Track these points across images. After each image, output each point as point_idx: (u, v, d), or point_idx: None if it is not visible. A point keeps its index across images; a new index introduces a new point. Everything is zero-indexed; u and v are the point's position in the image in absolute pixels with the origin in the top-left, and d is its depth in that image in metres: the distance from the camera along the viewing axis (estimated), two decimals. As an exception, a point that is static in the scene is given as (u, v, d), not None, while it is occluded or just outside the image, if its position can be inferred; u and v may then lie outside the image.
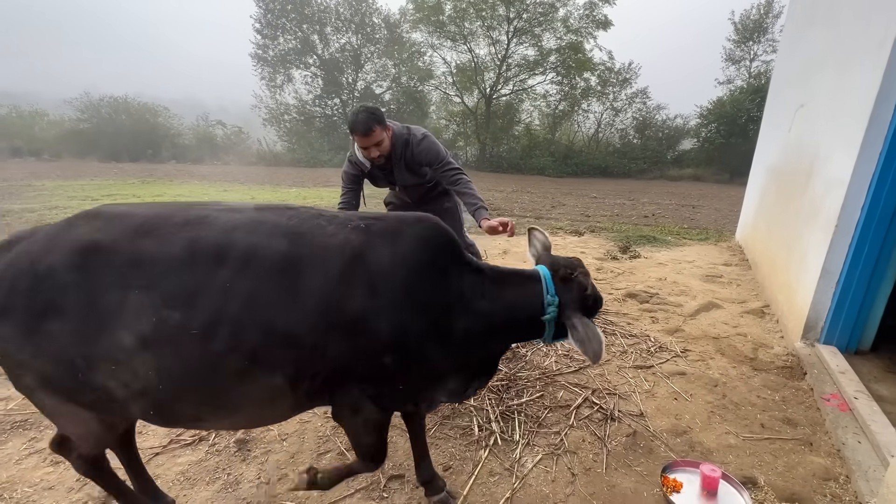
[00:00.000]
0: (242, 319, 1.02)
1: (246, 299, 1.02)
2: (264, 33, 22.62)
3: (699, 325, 2.97)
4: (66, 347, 0.97)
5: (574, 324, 1.22)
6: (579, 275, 1.31)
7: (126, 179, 13.33)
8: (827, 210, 2.43)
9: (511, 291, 1.29)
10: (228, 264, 1.03)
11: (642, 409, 2.05)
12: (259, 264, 1.05)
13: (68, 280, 0.97)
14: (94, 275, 0.98)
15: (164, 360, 1.00)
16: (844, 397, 1.98)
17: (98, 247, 1.00)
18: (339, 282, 1.09)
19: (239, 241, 1.06)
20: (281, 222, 1.13)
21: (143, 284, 0.98)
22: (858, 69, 2.37)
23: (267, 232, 1.10)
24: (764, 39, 20.45)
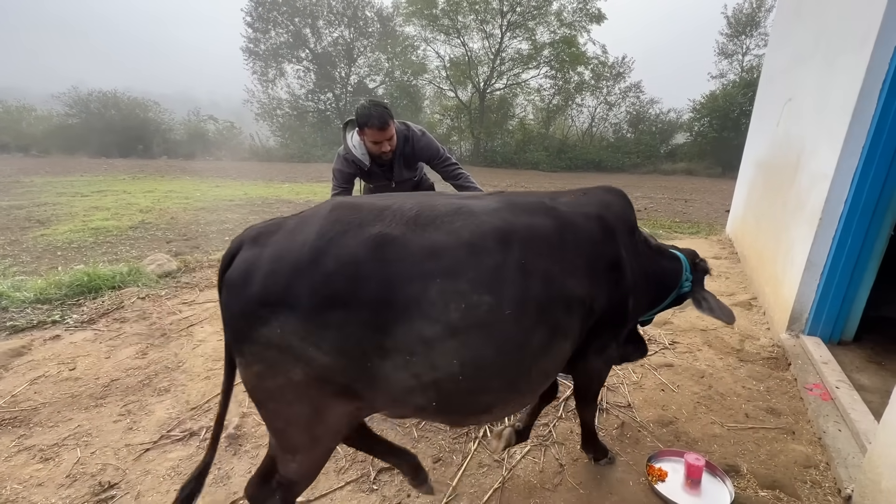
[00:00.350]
0: (545, 293, 1.08)
1: (542, 273, 1.09)
2: (255, 27, 22.38)
3: (687, 318, 3.00)
4: (359, 338, 0.94)
5: (705, 296, 1.60)
6: (702, 262, 1.75)
7: (116, 175, 13.19)
8: (812, 203, 2.46)
9: (666, 263, 1.62)
10: (515, 245, 1.07)
11: (630, 401, 2.09)
12: (539, 240, 1.12)
13: (365, 271, 0.94)
14: (391, 265, 0.95)
15: (472, 346, 0.99)
16: (827, 387, 2.03)
17: (389, 239, 0.97)
18: (595, 243, 1.25)
19: (517, 223, 1.11)
20: (530, 201, 1.23)
21: (445, 273, 0.97)
22: (843, 64, 2.39)
23: (528, 212, 1.17)
24: (756, 33, 20.54)
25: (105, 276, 3.49)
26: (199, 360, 2.46)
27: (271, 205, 8.87)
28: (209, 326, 2.87)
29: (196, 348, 2.60)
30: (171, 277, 3.77)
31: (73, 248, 5.33)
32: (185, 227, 6.74)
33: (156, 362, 2.45)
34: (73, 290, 3.31)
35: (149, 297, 3.32)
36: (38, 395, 2.14)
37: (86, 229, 6.19)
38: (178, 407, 2.07)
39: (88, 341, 2.67)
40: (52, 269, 4.51)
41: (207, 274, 3.91)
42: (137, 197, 9.20)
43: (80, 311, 3.06)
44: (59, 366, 2.39)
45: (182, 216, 7.46)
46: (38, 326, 2.83)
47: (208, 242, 5.89)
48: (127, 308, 3.13)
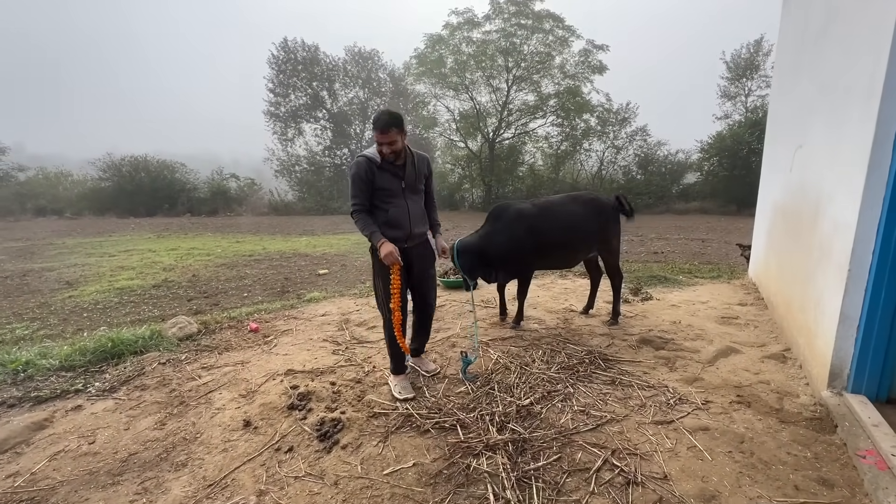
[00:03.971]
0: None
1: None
2: (277, 92, 23.93)
3: (719, 373, 2.87)
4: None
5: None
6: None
7: (142, 234, 13.73)
8: (837, 253, 2.40)
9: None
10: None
11: (666, 471, 1.96)
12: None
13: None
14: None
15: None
16: (881, 454, 1.87)
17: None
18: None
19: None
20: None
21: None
22: (851, 117, 2.42)
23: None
24: (757, 76, 21.04)
25: (128, 340, 3.55)
26: (216, 431, 2.43)
27: (289, 259, 9.06)
28: (227, 392, 2.85)
29: (214, 417, 2.57)
30: (192, 340, 3.81)
31: (98, 309, 5.47)
32: (205, 283, 6.89)
33: (174, 433, 2.42)
34: (96, 356, 3.36)
35: (169, 363, 3.34)
36: (57, 472, 2.12)
37: (111, 290, 6.37)
38: (195, 484, 2.01)
39: (109, 411, 2.67)
40: (78, 331, 4.62)
41: (227, 335, 3.93)
42: (161, 255, 9.51)
43: (102, 379, 3.08)
44: (80, 439, 2.38)
45: (203, 273, 7.65)
46: (62, 396, 2.86)
47: (227, 299, 5.98)
48: (148, 374, 3.14)
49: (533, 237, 3.52)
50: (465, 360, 2.94)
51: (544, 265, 3.97)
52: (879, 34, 2.14)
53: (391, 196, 2.63)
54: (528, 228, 3.53)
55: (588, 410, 2.46)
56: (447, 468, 2.03)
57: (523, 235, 3.51)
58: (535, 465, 2.01)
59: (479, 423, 2.35)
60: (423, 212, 2.81)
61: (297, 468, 2.09)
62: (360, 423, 2.42)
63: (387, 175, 2.61)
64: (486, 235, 3.55)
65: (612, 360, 3.11)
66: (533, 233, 3.52)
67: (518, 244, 3.51)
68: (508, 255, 3.52)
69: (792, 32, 4.12)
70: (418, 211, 2.76)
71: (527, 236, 3.52)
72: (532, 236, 3.52)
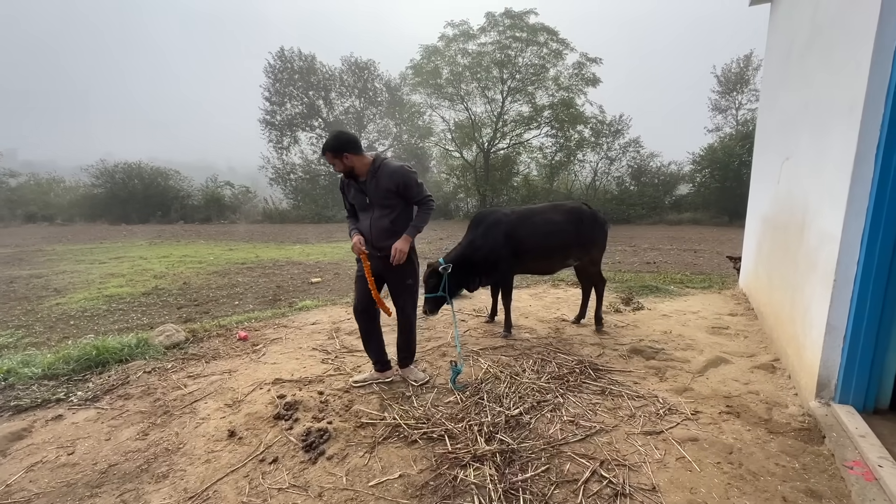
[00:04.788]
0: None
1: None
2: (273, 100, 24.02)
3: (709, 383, 2.87)
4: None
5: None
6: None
7: (134, 241, 13.62)
8: (823, 264, 2.43)
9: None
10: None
11: (654, 483, 1.94)
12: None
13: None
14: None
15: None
16: (868, 465, 1.87)
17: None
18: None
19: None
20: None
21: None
22: (834, 130, 2.46)
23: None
24: (747, 90, 21.44)
25: (113, 349, 3.49)
26: (199, 441, 2.38)
27: (282, 267, 9.01)
28: (212, 402, 2.80)
29: (198, 427, 2.52)
30: (179, 349, 3.75)
31: (86, 317, 5.39)
32: (196, 291, 6.82)
33: (156, 444, 2.37)
34: (80, 365, 3.30)
35: (155, 371, 3.29)
36: (33, 483, 2.06)
37: (100, 297, 6.29)
38: (176, 496, 1.97)
39: (90, 421, 2.61)
40: (63, 339, 4.54)
41: (215, 344, 3.89)
42: (153, 262, 9.42)
43: (85, 388, 3.02)
44: (58, 450, 2.32)
45: (195, 280, 7.58)
46: (42, 405, 2.80)
47: (218, 307, 5.92)
48: (132, 383, 3.09)
49: (510, 242, 3.66)
50: (455, 369, 2.92)
51: (523, 270, 4.04)
52: (860, 50, 2.18)
53: (360, 209, 2.88)
54: (506, 234, 3.67)
55: (577, 421, 2.45)
56: (434, 479, 2.00)
57: (501, 240, 3.65)
58: (523, 477, 1.98)
59: (468, 434, 2.33)
60: (389, 226, 2.79)
61: (282, 480, 2.05)
62: (347, 433, 2.39)
63: (353, 190, 2.85)
64: (470, 244, 3.69)
65: (603, 370, 3.10)
66: (510, 238, 3.67)
67: (495, 249, 3.64)
68: (487, 260, 3.64)
69: (778, 47, 4.21)
70: (381, 225, 2.79)
71: (504, 241, 3.65)
72: (509, 241, 3.66)
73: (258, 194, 24.65)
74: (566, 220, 3.84)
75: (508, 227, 3.69)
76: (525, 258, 3.78)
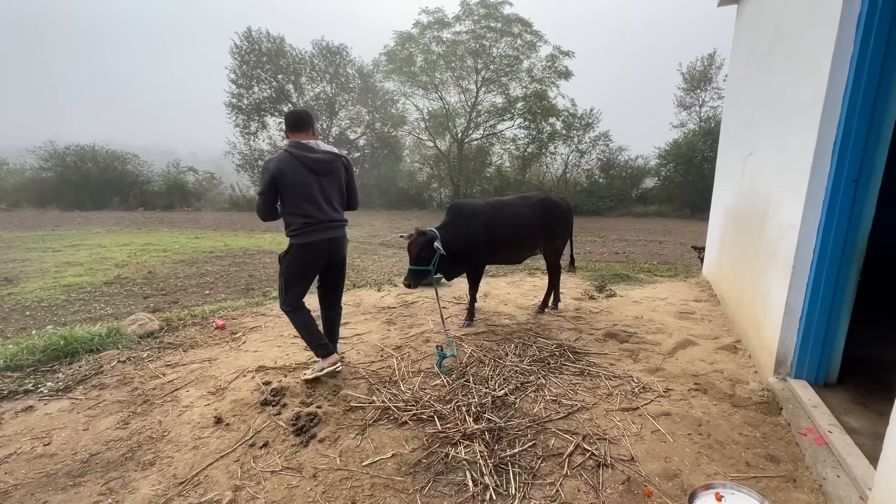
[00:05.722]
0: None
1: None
2: (239, 83, 23.04)
3: (678, 364, 3.06)
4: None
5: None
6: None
7: (90, 229, 12.88)
8: (784, 252, 2.63)
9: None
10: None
11: (632, 454, 2.08)
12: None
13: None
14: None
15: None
16: (820, 431, 2.08)
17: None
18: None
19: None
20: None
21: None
22: (794, 127, 2.65)
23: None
24: (710, 88, 22.31)
25: (82, 338, 3.35)
26: (185, 428, 2.35)
27: (253, 256, 8.78)
28: (195, 390, 2.76)
29: (182, 415, 2.49)
30: (154, 338, 3.64)
31: (43, 308, 5.12)
32: (163, 280, 6.58)
33: (139, 432, 2.33)
34: (47, 356, 3.16)
35: (130, 361, 3.19)
36: (10, 475, 1.99)
37: (57, 286, 5.97)
38: (165, 482, 1.95)
39: (65, 412, 2.52)
40: (21, 330, 4.31)
41: (192, 332, 3.79)
42: (113, 251, 8.97)
43: (55, 379, 2.90)
44: (33, 441, 2.24)
45: (160, 270, 7.29)
46: (9, 397, 2.67)
47: (188, 297, 5.75)
48: (106, 373, 2.99)
49: (487, 233, 3.74)
50: (441, 353, 2.98)
51: (494, 260, 4.16)
52: (820, 54, 2.36)
53: None
54: (484, 225, 3.74)
55: (559, 400, 2.57)
56: (426, 458, 2.07)
57: (479, 231, 3.72)
58: (511, 452, 2.08)
59: (456, 414, 2.41)
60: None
61: (274, 463, 2.06)
62: (338, 416, 2.41)
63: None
64: (452, 233, 3.66)
65: (581, 353, 3.24)
66: (487, 229, 3.74)
67: (474, 239, 3.71)
68: (465, 249, 3.70)
69: (744, 48, 4.44)
70: None
71: (482, 232, 3.72)
72: (486, 232, 3.74)
73: (224, 181, 23.72)
74: (534, 212, 4.00)
75: (486, 218, 3.77)
76: (498, 248, 3.88)
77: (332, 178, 2.71)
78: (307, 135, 2.69)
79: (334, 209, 2.73)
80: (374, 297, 4.96)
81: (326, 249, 2.72)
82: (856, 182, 2.25)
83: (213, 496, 1.86)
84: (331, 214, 2.70)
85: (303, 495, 1.86)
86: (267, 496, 1.85)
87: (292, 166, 2.58)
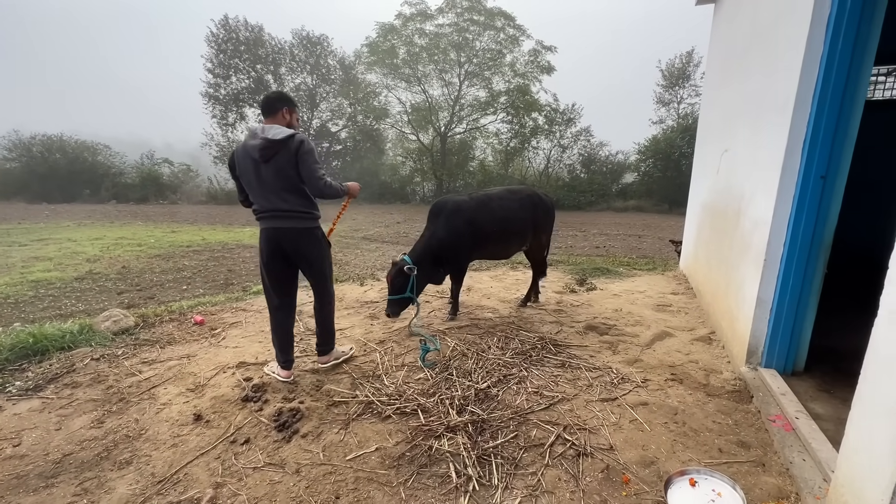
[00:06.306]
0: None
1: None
2: (216, 73, 22.41)
3: (656, 355, 3.15)
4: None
5: None
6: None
7: (59, 222, 12.41)
8: (756, 246, 2.72)
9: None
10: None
11: (611, 443, 2.13)
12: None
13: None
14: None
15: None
16: (787, 418, 2.17)
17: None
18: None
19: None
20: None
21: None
22: (768, 124, 2.74)
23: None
24: (688, 85, 22.77)
25: (53, 336, 3.24)
26: (163, 426, 2.30)
27: (232, 250, 8.61)
28: (173, 387, 2.70)
29: (160, 412, 2.44)
30: (129, 334, 3.54)
31: (9, 304, 4.92)
32: (138, 276, 6.39)
33: (114, 431, 2.27)
34: (15, 354, 3.04)
35: (104, 358, 3.09)
36: (-23, 478, 1.92)
37: (24, 282, 5.74)
38: (143, 481, 1.91)
39: (35, 411, 2.44)
40: (-14, 328, 4.12)
41: (169, 329, 3.70)
42: (84, 245, 8.67)
43: (24, 378, 2.80)
44: (1, 442, 2.16)
45: (135, 264, 7.09)
46: (-25, 397, 2.56)
47: (164, 292, 5.60)
48: (79, 371, 2.90)
49: (471, 228, 3.66)
50: (424, 347, 2.99)
51: (481, 255, 4.13)
52: (793, 52, 2.43)
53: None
54: (467, 220, 3.65)
55: (541, 391, 2.61)
56: (410, 450, 2.08)
57: (462, 227, 3.63)
58: (494, 444, 2.11)
59: (440, 407, 2.42)
60: None
61: (256, 459, 2.04)
62: (320, 411, 2.40)
63: None
64: (432, 235, 3.61)
65: (562, 346, 3.30)
66: (471, 224, 3.66)
67: (457, 237, 3.61)
68: (450, 249, 3.62)
69: (721, 46, 4.54)
70: None
71: (465, 228, 3.63)
72: (470, 227, 3.65)
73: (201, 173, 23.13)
74: (522, 206, 3.96)
75: (469, 214, 3.67)
76: (485, 243, 3.81)
77: (274, 164, 2.46)
78: (274, 119, 2.58)
79: (280, 198, 2.51)
80: (356, 291, 4.93)
81: (276, 239, 2.59)
82: (824, 179, 2.34)
83: (193, 494, 1.83)
84: (274, 203, 2.52)
85: (286, 491, 1.85)
86: (249, 493, 1.84)
87: (241, 155, 2.52)
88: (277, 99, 2.62)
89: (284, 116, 2.63)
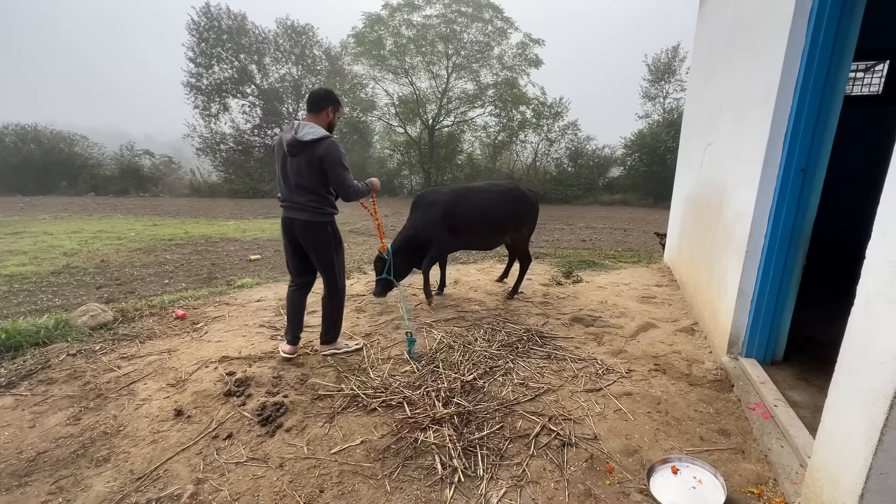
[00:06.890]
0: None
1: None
2: (198, 62, 21.85)
3: (639, 346, 3.18)
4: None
5: None
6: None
7: (35, 215, 12.03)
8: (738, 237, 2.76)
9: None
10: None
11: (596, 433, 2.16)
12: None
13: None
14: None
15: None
16: (766, 406, 2.22)
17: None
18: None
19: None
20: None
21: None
22: (750, 118, 2.76)
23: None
24: (673, 80, 22.96)
25: (27, 331, 3.14)
26: (142, 422, 2.25)
27: (215, 244, 8.46)
28: (153, 383, 2.64)
29: (139, 408, 2.38)
30: (107, 329, 3.46)
31: (-18, 300, 4.75)
32: (117, 270, 6.24)
33: (91, 428, 2.21)
34: (-14, 350, 2.94)
35: (81, 353, 3.01)
36: (-55, 478, 1.85)
37: (-2, 277, 5.55)
38: (121, 478, 1.87)
39: (7, 409, 2.36)
40: (-44, 324, 3.98)
41: (149, 323, 3.62)
42: (61, 238, 8.42)
43: (-5, 374, 2.71)
44: (-29, 441, 2.09)
45: (114, 258, 6.91)
46: (-57, 395, 2.47)
47: (145, 286, 5.48)
48: (54, 367, 2.82)
49: (447, 220, 3.87)
50: (410, 339, 2.98)
51: (463, 246, 4.30)
52: (775, 46, 2.45)
53: None
54: (443, 213, 3.87)
55: (527, 383, 2.63)
56: (395, 443, 2.07)
57: (437, 219, 3.85)
58: (480, 435, 2.11)
59: (426, 399, 2.42)
60: None
61: (238, 454, 2.01)
62: (305, 405, 2.38)
63: None
64: (411, 226, 3.88)
65: (548, 337, 3.32)
66: (447, 216, 3.87)
67: (433, 228, 3.84)
68: (428, 239, 3.85)
69: (705, 40, 4.57)
70: None
71: (441, 219, 3.85)
72: (446, 219, 3.87)
73: (183, 165, 22.62)
74: (503, 199, 4.11)
75: (445, 206, 3.90)
76: (463, 234, 4.00)
77: (301, 160, 2.64)
78: (317, 116, 2.73)
79: (297, 192, 2.69)
80: (343, 284, 4.88)
81: (290, 228, 2.79)
82: (804, 171, 2.38)
83: (173, 490, 1.79)
84: (293, 195, 2.71)
85: (269, 485, 1.82)
86: (231, 488, 1.81)
87: (277, 144, 2.74)
88: (325, 98, 2.75)
89: (328, 115, 2.77)
